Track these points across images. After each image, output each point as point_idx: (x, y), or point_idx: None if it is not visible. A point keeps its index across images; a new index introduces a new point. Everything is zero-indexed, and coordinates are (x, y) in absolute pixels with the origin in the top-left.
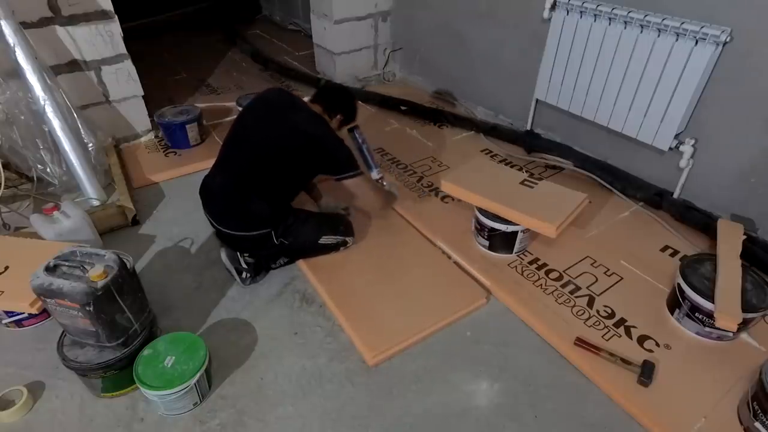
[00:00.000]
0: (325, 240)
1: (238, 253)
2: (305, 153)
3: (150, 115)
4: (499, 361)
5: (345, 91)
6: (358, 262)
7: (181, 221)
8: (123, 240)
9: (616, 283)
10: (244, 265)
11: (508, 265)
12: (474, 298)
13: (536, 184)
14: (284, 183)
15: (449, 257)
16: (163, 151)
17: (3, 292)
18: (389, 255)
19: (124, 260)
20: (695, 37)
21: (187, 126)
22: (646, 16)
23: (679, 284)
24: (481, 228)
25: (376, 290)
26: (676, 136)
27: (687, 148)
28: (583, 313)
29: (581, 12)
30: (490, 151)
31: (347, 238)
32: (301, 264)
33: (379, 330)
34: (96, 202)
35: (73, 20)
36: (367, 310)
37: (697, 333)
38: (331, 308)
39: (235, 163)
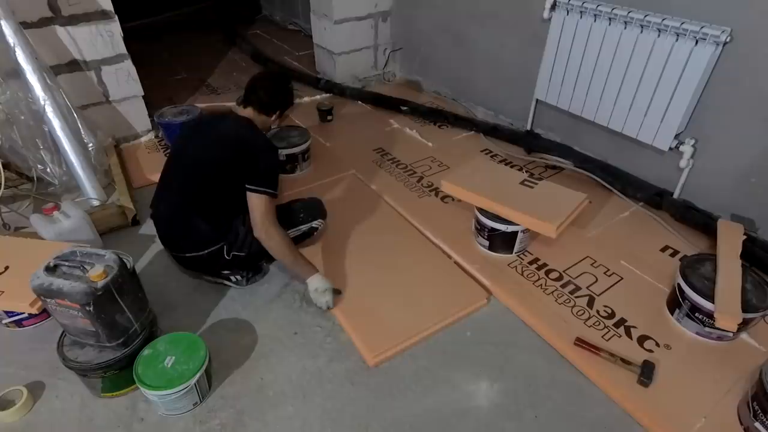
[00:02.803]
0: (291, 234)
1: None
2: (236, 161)
3: (150, 115)
4: (500, 361)
5: (272, 80)
6: (358, 262)
7: None
8: (123, 240)
9: (616, 283)
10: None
11: (508, 265)
12: (474, 298)
13: (536, 184)
14: (227, 198)
15: (449, 257)
16: (163, 151)
17: (3, 292)
18: (389, 255)
19: (124, 260)
20: (695, 37)
21: None
22: (646, 16)
23: (679, 284)
24: (481, 228)
25: (376, 290)
26: (676, 136)
27: (687, 148)
28: (583, 313)
29: (581, 12)
30: (490, 151)
31: (314, 223)
32: None
33: (380, 330)
34: (96, 202)
35: (73, 20)
36: (367, 311)
37: (697, 333)
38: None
39: (175, 187)
